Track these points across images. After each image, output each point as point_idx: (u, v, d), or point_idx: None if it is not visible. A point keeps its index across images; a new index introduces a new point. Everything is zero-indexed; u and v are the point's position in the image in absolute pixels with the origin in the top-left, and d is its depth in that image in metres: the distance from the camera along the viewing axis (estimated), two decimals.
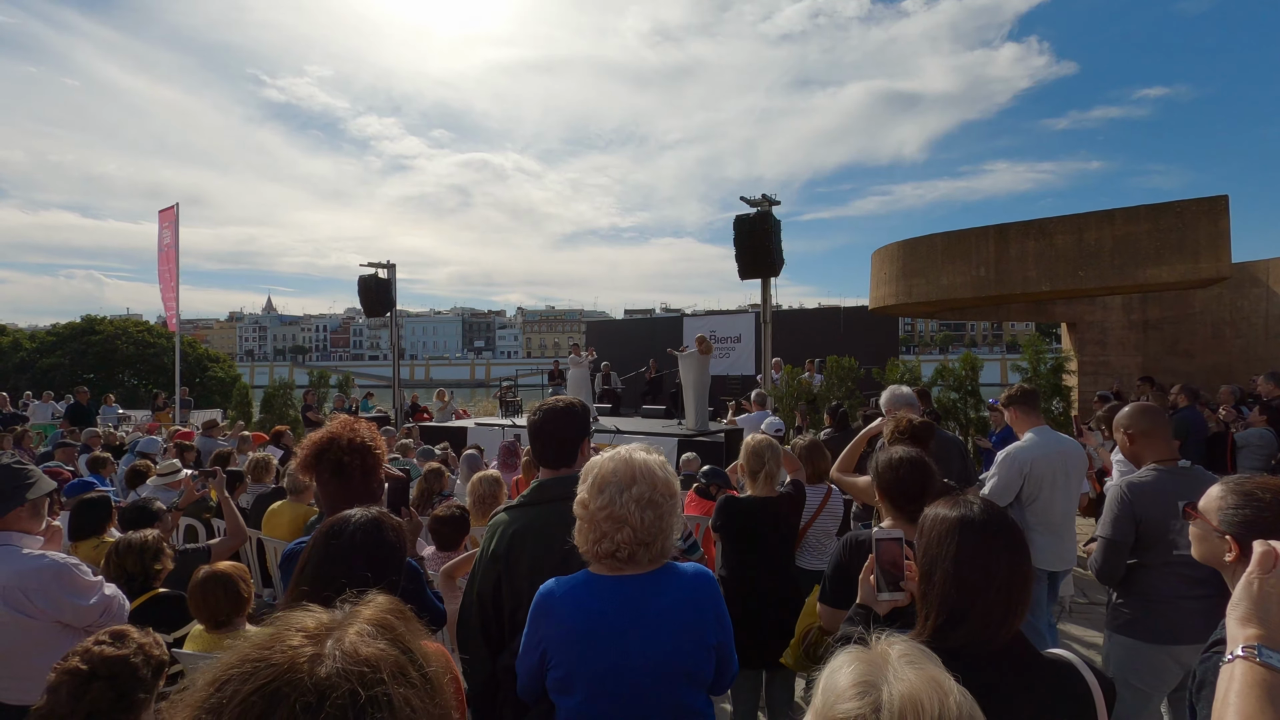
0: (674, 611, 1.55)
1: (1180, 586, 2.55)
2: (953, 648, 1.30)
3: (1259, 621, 0.90)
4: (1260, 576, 0.92)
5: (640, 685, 1.52)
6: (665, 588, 1.57)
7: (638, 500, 1.54)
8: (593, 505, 1.55)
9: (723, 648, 1.64)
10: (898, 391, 4.09)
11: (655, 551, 1.57)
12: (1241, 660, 0.88)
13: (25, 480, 2.36)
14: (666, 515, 1.58)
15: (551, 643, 1.53)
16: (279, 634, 0.69)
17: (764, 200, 9.91)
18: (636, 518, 1.53)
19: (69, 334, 27.75)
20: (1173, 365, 11.88)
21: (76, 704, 1.58)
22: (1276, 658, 0.86)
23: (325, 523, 1.57)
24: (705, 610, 1.60)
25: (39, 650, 2.21)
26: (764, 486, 3.15)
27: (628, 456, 1.62)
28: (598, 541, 1.55)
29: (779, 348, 12.09)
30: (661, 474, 1.61)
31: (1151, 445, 2.74)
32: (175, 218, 14.22)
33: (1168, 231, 8.57)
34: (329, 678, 0.63)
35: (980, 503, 1.41)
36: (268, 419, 13.85)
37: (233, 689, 0.63)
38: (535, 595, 1.59)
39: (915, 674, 0.77)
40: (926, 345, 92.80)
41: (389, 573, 1.47)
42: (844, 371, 10.30)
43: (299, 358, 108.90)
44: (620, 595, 1.54)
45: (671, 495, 1.60)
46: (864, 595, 1.76)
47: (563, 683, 1.53)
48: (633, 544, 1.53)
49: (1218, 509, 1.46)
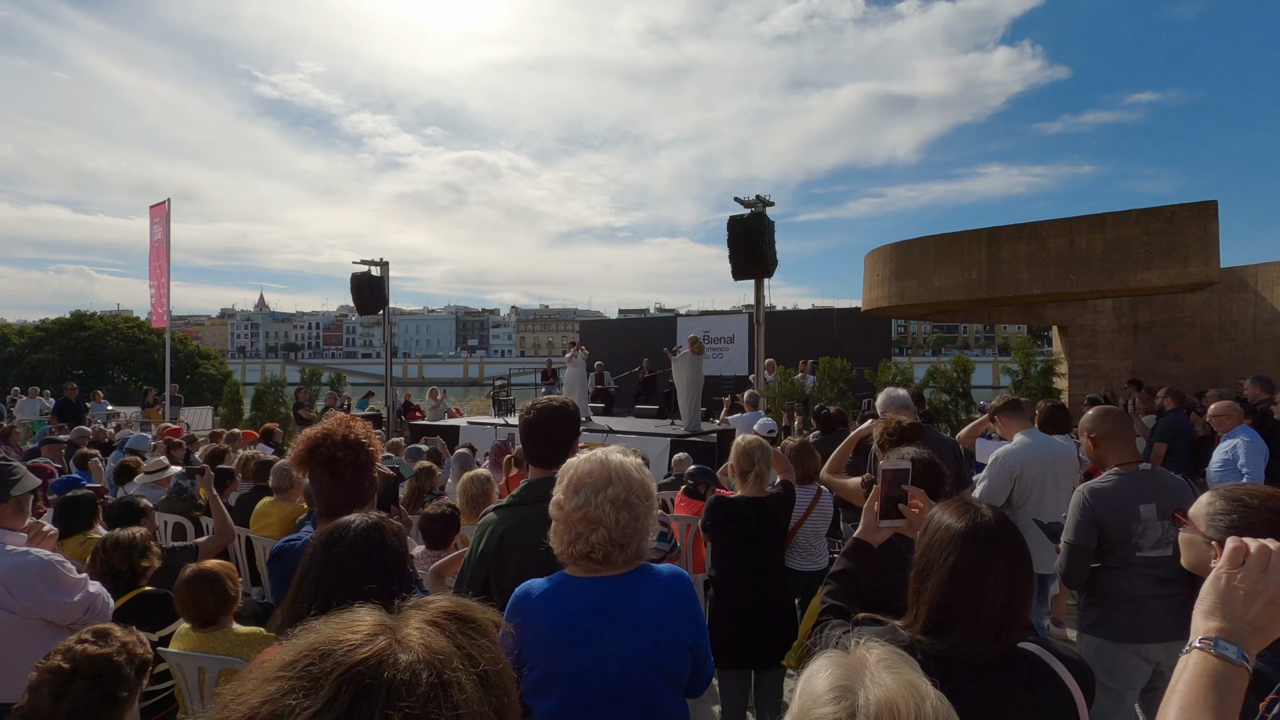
0: (650, 612, 1.54)
1: (1146, 586, 2.60)
2: (945, 653, 1.30)
3: (1222, 615, 0.90)
4: (1228, 571, 0.92)
5: (617, 687, 1.51)
6: (641, 589, 1.56)
7: (613, 501, 1.53)
8: (568, 506, 1.55)
9: (698, 649, 1.64)
10: (893, 394, 4.07)
11: (630, 553, 1.56)
12: (1197, 650, 0.89)
13: (9, 477, 2.35)
14: (642, 517, 1.57)
15: (526, 644, 1.51)
16: (340, 630, 0.67)
17: (758, 201, 9.93)
18: (611, 519, 1.52)
19: (58, 329, 27.51)
20: (1162, 369, 11.96)
21: (58, 703, 1.57)
22: (1232, 650, 0.87)
23: (324, 529, 1.53)
24: (681, 611, 1.59)
25: (22, 647, 2.20)
26: (754, 487, 3.16)
27: (604, 458, 1.61)
28: (572, 543, 1.54)
29: (772, 349, 12.11)
30: (638, 475, 1.60)
31: (1114, 448, 2.77)
32: (167, 213, 14.11)
33: (1158, 236, 8.63)
34: (411, 666, 0.63)
35: (990, 514, 1.39)
36: (259, 416, 13.78)
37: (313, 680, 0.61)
38: (512, 595, 1.58)
39: (892, 679, 0.77)
40: (919, 347, 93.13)
41: (392, 580, 1.42)
42: (837, 373, 10.33)
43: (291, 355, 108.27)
44: (596, 596, 1.53)
45: (647, 497, 1.60)
46: (865, 526, 1.83)
47: (539, 685, 1.52)
48: (607, 545, 1.52)
49: (1206, 515, 1.45)
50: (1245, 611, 0.89)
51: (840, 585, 1.81)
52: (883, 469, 1.85)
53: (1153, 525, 2.60)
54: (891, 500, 1.83)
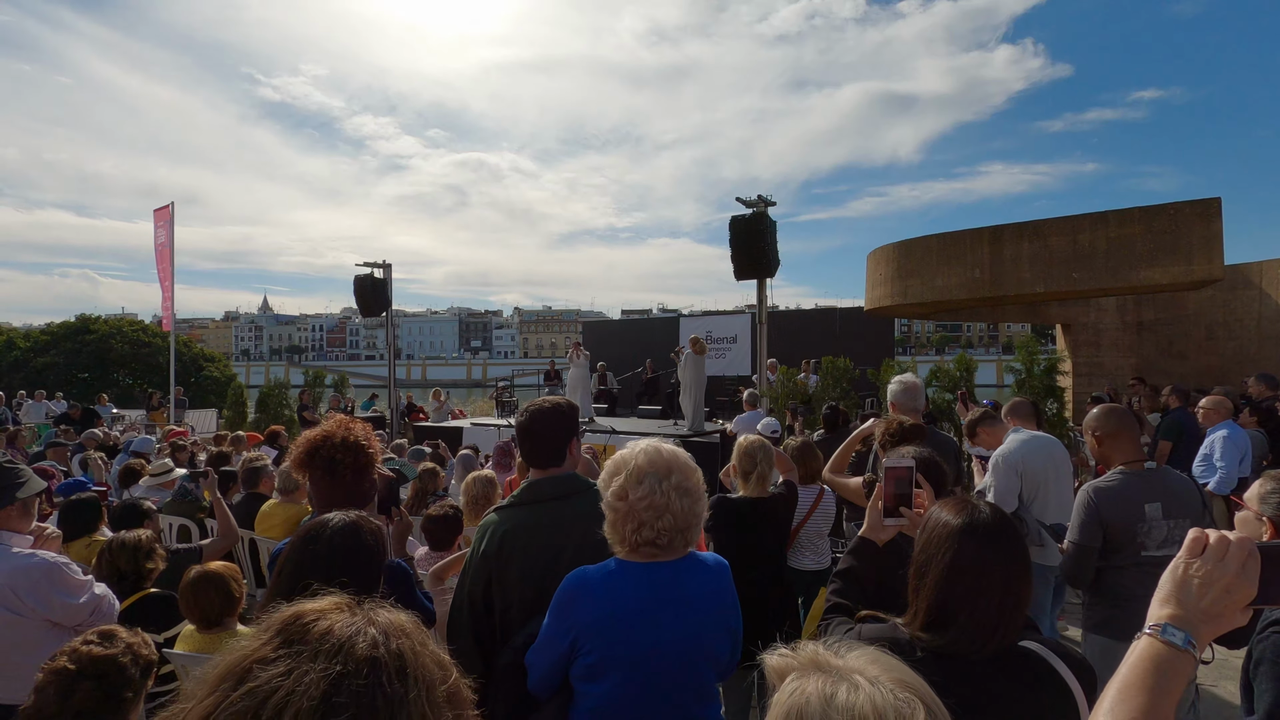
0: (701, 596, 1.63)
1: (1152, 585, 2.55)
2: (943, 649, 1.32)
3: (1176, 603, 0.92)
4: (1185, 560, 0.94)
5: (670, 669, 1.59)
6: (694, 573, 1.65)
7: (677, 489, 1.61)
8: (633, 496, 1.60)
9: (736, 633, 1.74)
10: (907, 382, 4.00)
11: (688, 539, 1.65)
12: (1146, 636, 0.92)
13: (15, 479, 2.36)
14: (699, 503, 1.66)
15: (584, 629, 1.56)
16: (299, 614, 0.70)
17: (760, 201, 9.92)
18: (677, 505, 1.60)
19: (63, 333, 27.63)
20: (1166, 366, 11.92)
21: (64, 704, 1.58)
22: (1179, 636, 0.89)
23: (303, 526, 1.60)
24: (726, 596, 1.69)
25: (28, 649, 2.21)
26: (756, 487, 3.16)
27: (659, 447, 1.68)
28: (637, 530, 1.60)
29: (775, 348, 12.09)
30: (692, 464, 1.69)
31: (1119, 447, 2.75)
32: (170, 217, 14.18)
33: (1161, 234, 8.60)
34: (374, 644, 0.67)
35: (988, 511, 1.40)
36: (263, 419, 13.81)
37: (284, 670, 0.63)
38: (564, 584, 1.63)
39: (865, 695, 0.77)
40: (923, 346, 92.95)
41: (366, 576, 1.48)
42: (839, 372, 10.30)
43: (295, 357, 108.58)
44: (653, 582, 1.60)
45: (700, 484, 1.69)
46: (869, 524, 1.86)
47: (594, 669, 1.57)
48: (672, 531, 1.60)
49: (1259, 496, 1.53)
50: (1199, 599, 0.90)
51: (845, 584, 1.82)
52: (885, 467, 1.86)
53: (1158, 524, 2.58)
54: (894, 499, 1.84)
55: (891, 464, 1.86)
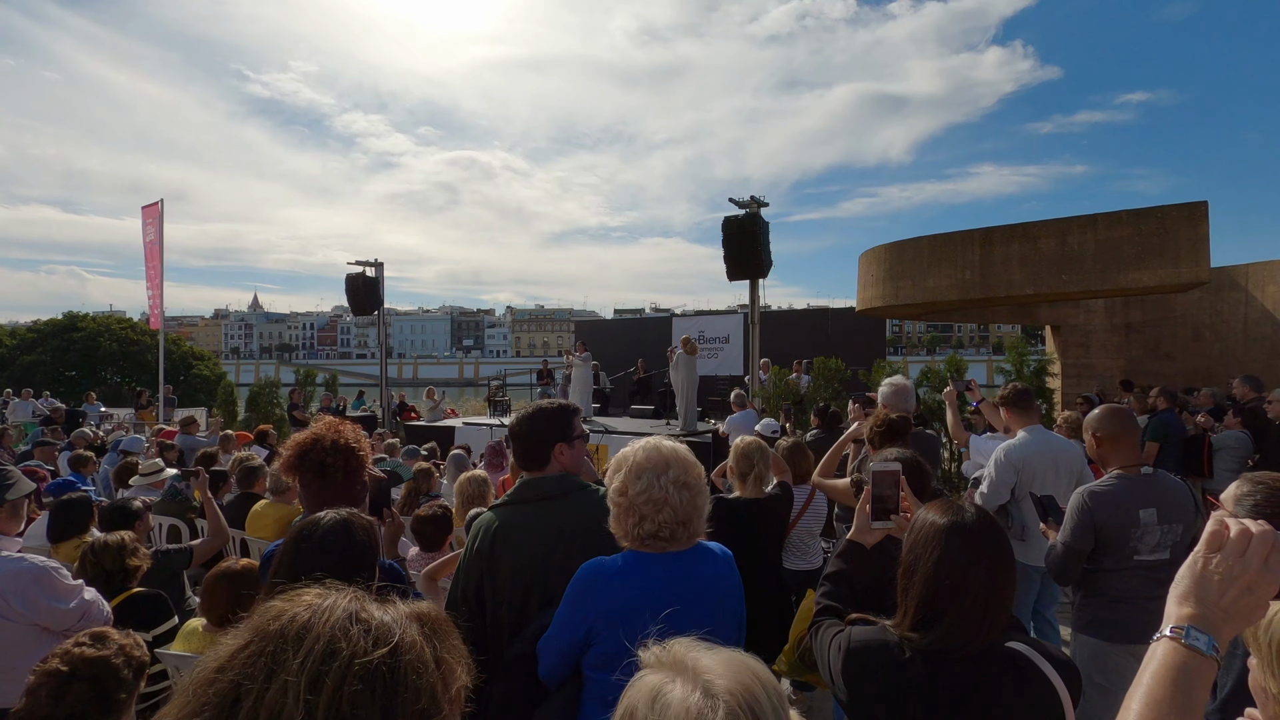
0: (712, 584, 1.70)
1: (1142, 588, 2.58)
2: (931, 648, 1.35)
3: (1195, 601, 0.85)
4: (1205, 555, 0.86)
5: None
6: (704, 562, 1.71)
7: (675, 483, 1.67)
8: (632, 491, 1.66)
9: (742, 620, 1.81)
10: (897, 384, 4.03)
11: (693, 529, 1.70)
12: (1167, 640, 0.85)
13: (4, 481, 2.35)
14: (699, 496, 1.71)
15: (601, 619, 1.60)
16: (289, 604, 0.71)
17: (752, 201, 9.97)
18: (676, 499, 1.66)
19: (50, 331, 27.40)
20: (1154, 368, 12.04)
21: (56, 705, 1.57)
22: (1203, 640, 0.82)
23: (295, 525, 1.60)
24: (734, 585, 1.77)
25: (17, 653, 2.20)
26: (753, 488, 3.18)
27: (657, 444, 1.74)
28: (639, 524, 1.66)
29: (767, 348, 12.14)
30: (690, 459, 1.75)
31: (1118, 450, 2.72)
32: (159, 214, 14.08)
33: (1149, 236, 8.69)
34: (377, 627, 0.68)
35: (972, 511, 1.44)
36: (253, 417, 13.73)
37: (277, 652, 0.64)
38: (579, 573, 1.67)
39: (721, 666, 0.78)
40: (914, 346, 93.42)
41: (360, 573, 1.49)
42: (831, 372, 10.35)
43: (285, 356, 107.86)
44: (668, 571, 1.66)
45: (700, 478, 1.74)
46: (857, 528, 1.89)
47: (610, 657, 1.58)
48: (673, 523, 1.66)
49: (1235, 498, 1.55)
50: (1220, 597, 0.84)
51: (834, 586, 1.84)
52: (872, 471, 1.88)
53: (1151, 529, 2.56)
54: (881, 502, 1.86)
55: (878, 468, 1.89)
